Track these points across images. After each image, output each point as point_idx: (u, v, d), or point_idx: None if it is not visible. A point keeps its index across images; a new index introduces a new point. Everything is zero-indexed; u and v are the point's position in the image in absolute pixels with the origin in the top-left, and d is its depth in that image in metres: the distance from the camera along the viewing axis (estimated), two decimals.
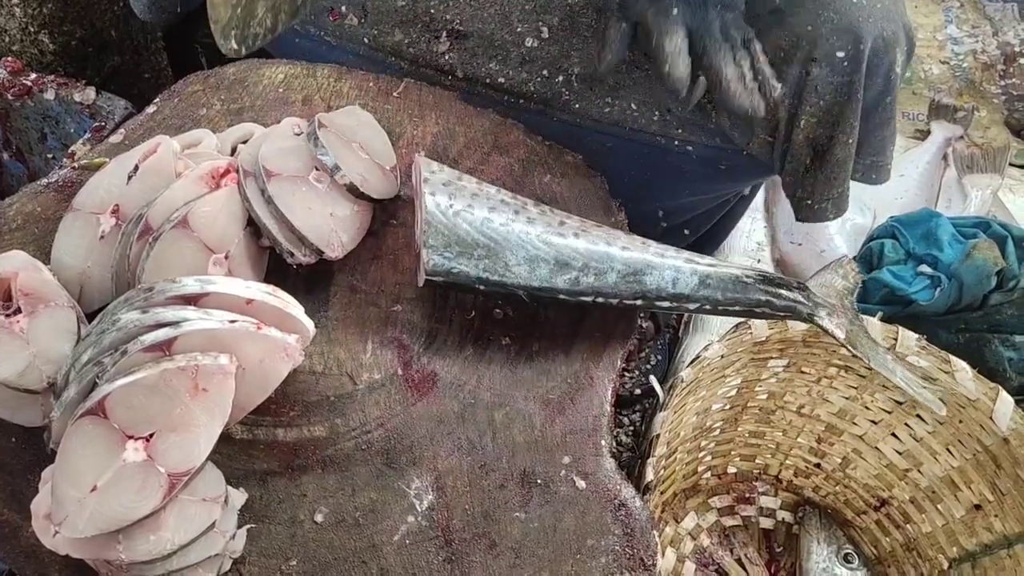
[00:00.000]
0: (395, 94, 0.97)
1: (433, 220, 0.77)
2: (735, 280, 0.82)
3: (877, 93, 0.90)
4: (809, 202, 0.97)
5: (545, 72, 0.97)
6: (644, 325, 1.36)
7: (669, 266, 0.81)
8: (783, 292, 0.82)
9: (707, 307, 0.82)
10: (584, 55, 0.95)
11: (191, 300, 0.70)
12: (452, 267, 0.77)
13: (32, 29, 1.25)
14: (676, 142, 0.98)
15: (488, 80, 0.98)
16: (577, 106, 0.97)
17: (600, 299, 0.80)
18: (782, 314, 0.83)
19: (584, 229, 0.81)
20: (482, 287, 0.78)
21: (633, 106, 0.96)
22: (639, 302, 0.81)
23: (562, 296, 0.79)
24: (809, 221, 0.99)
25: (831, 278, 0.86)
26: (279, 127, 0.86)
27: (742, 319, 0.94)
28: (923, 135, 1.63)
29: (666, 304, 0.82)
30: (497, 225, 0.78)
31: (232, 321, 0.69)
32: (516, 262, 0.78)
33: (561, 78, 0.96)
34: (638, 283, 0.80)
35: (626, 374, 1.39)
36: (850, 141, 0.90)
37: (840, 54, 0.85)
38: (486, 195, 0.80)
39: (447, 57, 0.99)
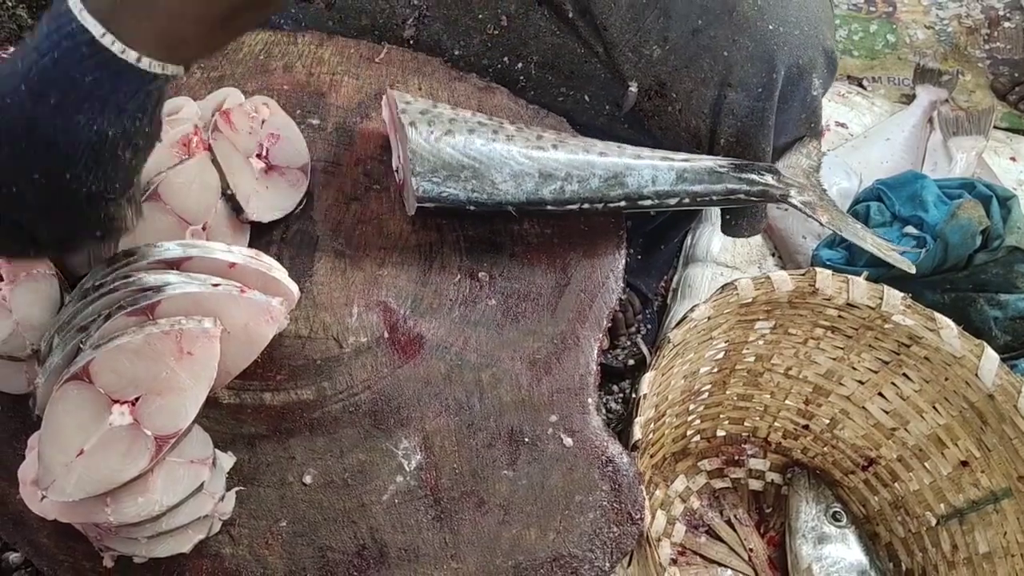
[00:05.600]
0: (377, 59, 0.96)
1: (417, 148, 0.78)
2: (710, 171, 0.85)
3: (793, 115, 0.91)
4: (728, 217, 0.99)
5: (506, 59, 0.97)
6: (625, 297, 1.36)
7: (647, 165, 0.84)
8: (755, 177, 0.86)
9: (686, 200, 0.85)
10: (540, 44, 0.96)
11: (173, 265, 0.70)
12: (442, 191, 0.78)
13: (10, 3, 1.24)
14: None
15: (449, 64, 0.99)
16: (532, 93, 0.98)
17: (586, 205, 0.83)
18: (757, 198, 0.87)
19: (561, 140, 0.84)
20: (472, 208, 0.80)
21: (586, 98, 0.97)
22: (623, 203, 0.84)
23: (550, 207, 0.82)
24: (730, 236, 1.02)
25: (796, 159, 0.90)
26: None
27: (723, 207, 0.98)
28: (908, 99, 1.63)
29: (648, 203, 0.84)
30: (479, 145, 0.80)
31: (215, 285, 0.69)
32: (502, 179, 0.80)
33: (520, 65, 0.97)
34: (620, 185, 0.83)
35: (617, 347, 1.39)
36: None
37: (754, 81, 0.86)
38: (463, 119, 0.82)
39: (411, 43, 0.99)
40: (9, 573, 0.94)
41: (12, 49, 1.16)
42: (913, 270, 0.91)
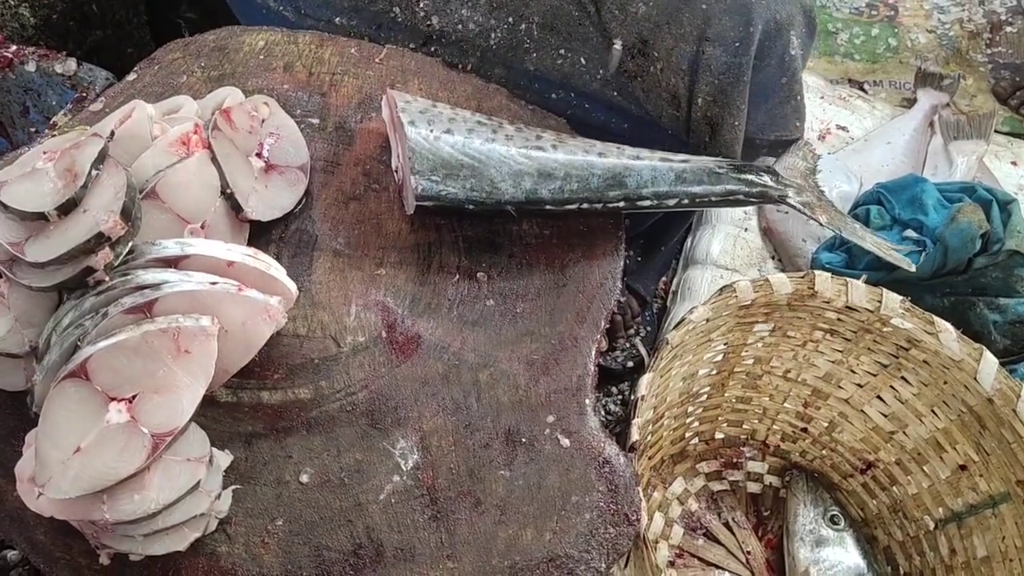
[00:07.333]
0: (377, 60, 0.97)
1: (417, 147, 0.79)
2: (709, 172, 0.86)
3: (771, 75, 0.92)
4: None
5: (510, 19, 0.98)
6: (624, 299, 1.36)
7: (646, 166, 0.84)
8: (753, 178, 0.86)
9: (685, 201, 0.86)
10: (540, 5, 0.96)
11: (171, 263, 0.70)
12: (441, 190, 0.79)
13: (12, 2, 1.24)
14: (613, 120, 0.99)
15: (460, 26, 0.98)
16: (535, 55, 0.98)
17: (585, 205, 0.83)
18: (755, 200, 0.88)
19: (561, 140, 0.84)
20: (471, 207, 0.80)
21: (582, 60, 0.97)
22: (622, 204, 0.84)
23: (548, 206, 0.82)
24: None
25: (793, 160, 0.92)
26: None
27: (723, 208, 0.99)
28: (910, 103, 1.62)
29: (647, 203, 0.85)
30: (478, 144, 0.80)
31: (213, 283, 0.69)
32: (501, 178, 0.80)
33: (524, 26, 0.97)
34: (619, 185, 0.84)
35: (615, 349, 1.39)
36: (736, 123, 0.92)
37: (731, 34, 0.87)
38: (463, 118, 0.82)
39: (422, 5, 0.99)
40: (7, 571, 0.94)
41: (14, 48, 1.17)
42: (913, 268, 0.92)
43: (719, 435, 1.21)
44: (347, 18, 1.00)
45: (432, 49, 0.99)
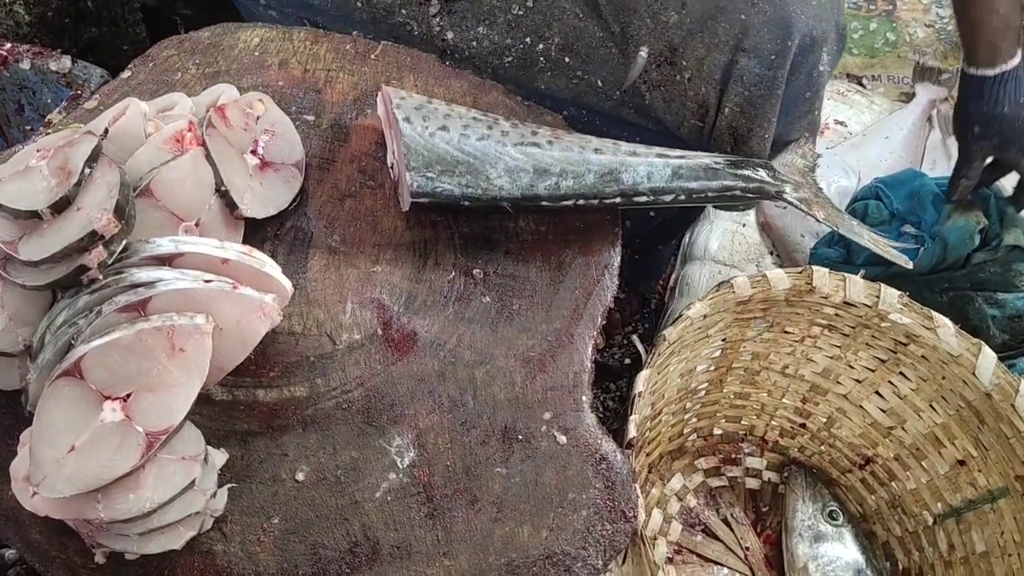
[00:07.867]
0: (373, 56, 0.96)
1: (412, 143, 0.78)
2: (705, 168, 0.85)
3: (798, 89, 0.91)
4: None
5: (528, 40, 0.97)
6: (623, 296, 1.36)
7: (642, 162, 0.84)
8: (750, 174, 0.86)
9: (682, 197, 0.85)
10: (563, 26, 0.95)
11: (166, 260, 0.70)
12: (436, 187, 0.78)
13: (7, 0, 1.23)
14: (625, 135, 0.99)
15: (475, 43, 0.98)
16: (549, 75, 0.98)
17: (581, 201, 0.83)
18: (752, 195, 0.87)
19: (556, 137, 0.84)
20: (467, 203, 0.80)
21: (599, 83, 0.96)
22: (618, 200, 0.84)
23: (544, 203, 0.82)
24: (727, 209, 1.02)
25: (791, 158, 0.92)
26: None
27: (720, 205, 0.99)
28: (908, 98, 1.62)
29: (644, 199, 0.84)
30: (474, 140, 0.80)
31: (208, 281, 0.69)
32: (497, 174, 0.80)
33: (542, 46, 0.97)
34: (616, 181, 0.83)
35: (613, 346, 1.39)
36: (766, 136, 0.92)
37: (768, 47, 0.86)
38: (458, 114, 0.82)
39: (438, 20, 0.99)
40: (4, 569, 0.94)
41: (9, 45, 1.16)
42: (910, 265, 0.92)
43: (717, 431, 1.20)
44: (365, 31, 1.00)
45: (446, 64, 0.99)
